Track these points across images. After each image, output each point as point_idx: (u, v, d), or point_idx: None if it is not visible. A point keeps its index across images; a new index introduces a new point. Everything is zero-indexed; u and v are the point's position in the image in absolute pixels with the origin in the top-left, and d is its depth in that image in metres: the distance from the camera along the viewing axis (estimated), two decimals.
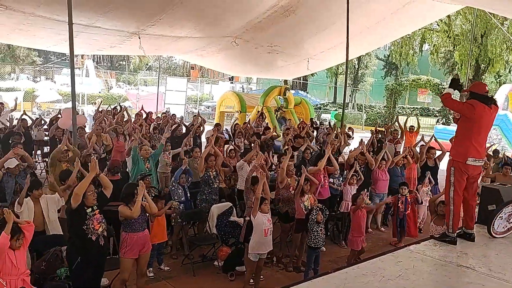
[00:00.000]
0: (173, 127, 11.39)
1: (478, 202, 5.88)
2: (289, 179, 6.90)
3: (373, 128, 13.90)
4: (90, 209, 4.46)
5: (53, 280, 4.75)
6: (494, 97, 5.23)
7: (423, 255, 4.68)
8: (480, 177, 5.76)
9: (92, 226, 4.43)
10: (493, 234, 5.36)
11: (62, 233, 5.50)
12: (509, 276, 4.20)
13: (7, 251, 3.98)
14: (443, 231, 5.32)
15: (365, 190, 6.98)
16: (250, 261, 5.48)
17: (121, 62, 53.76)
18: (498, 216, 5.32)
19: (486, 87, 5.13)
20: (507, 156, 10.54)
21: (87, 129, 12.03)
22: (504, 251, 4.94)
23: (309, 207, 6.30)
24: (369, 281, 3.98)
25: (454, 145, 5.16)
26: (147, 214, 5.17)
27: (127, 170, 8.30)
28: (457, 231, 5.12)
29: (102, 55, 47.04)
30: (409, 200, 7.55)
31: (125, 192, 5.04)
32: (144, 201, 5.06)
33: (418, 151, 9.36)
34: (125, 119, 12.12)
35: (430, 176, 8.50)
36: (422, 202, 7.93)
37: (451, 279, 4.22)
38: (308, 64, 14.55)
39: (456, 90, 5.16)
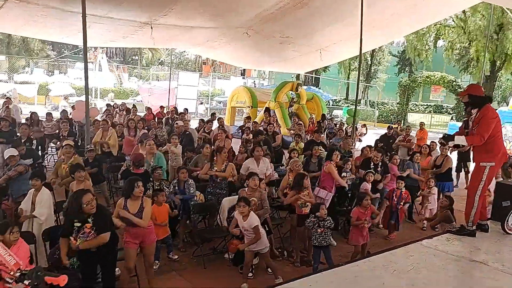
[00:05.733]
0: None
1: (493, 198, 5.87)
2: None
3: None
4: (79, 223, 4.34)
5: (66, 269, 4.78)
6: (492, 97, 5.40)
7: (435, 249, 4.63)
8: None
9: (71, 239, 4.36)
10: (507, 230, 5.33)
11: None
12: None
13: None
14: (458, 226, 5.36)
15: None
16: (246, 252, 5.49)
17: (133, 57, 54.06)
18: None
19: (482, 88, 5.42)
20: None
21: None
22: None
23: (306, 204, 6.23)
24: (380, 274, 3.96)
25: (490, 151, 5.09)
26: (142, 214, 5.00)
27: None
28: (476, 224, 5.21)
29: (115, 50, 47.43)
30: (403, 195, 7.59)
31: (126, 186, 5.05)
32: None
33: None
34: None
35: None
36: (406, 204, 7.94)
37: (464, 273, 4.17)
38: (320, 55, 14.43)
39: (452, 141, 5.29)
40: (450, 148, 8.48)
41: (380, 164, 7.99)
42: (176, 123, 11.47)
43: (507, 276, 4.09)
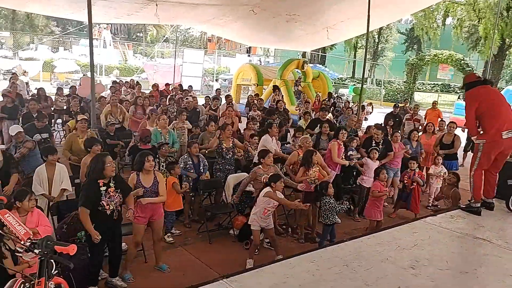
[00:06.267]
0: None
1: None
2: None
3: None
4: (104, 187, 4.41)
5: (74, 242, 4.86)
6: (489, 79, 5.69)
7: (439, 226, 4.67)
8: None
9: (102, 205, 4.41)
10: None
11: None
12: None
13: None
14: (468, 203, 5.44)
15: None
16: (253, 230, 5.51)
17: (138, 34, 53.64)
18: None
19: (476, 74, 5.83)
20: None
21: None
22: None
23: (316, 181, 6.26)
24: (384, 250, 4.00)
25: (482, 129, 5.29)
26: (157, 187, 5.11)
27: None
28: (480, 202, 5.27)
29: (119, 26, 47.04)
30: (417, 175, 7.53)
31: (137, 160, 5.09)
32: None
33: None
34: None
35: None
36: (424, 185, 7.92)
37: (467, 250, 4.21)
38: (327, 33, 14.23)
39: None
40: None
41: (381, 142, 7.95)
42: (187, 98, 11.57)
43: (510, 253, 4.12)
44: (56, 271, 2.13)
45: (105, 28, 32.40)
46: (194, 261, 5.60)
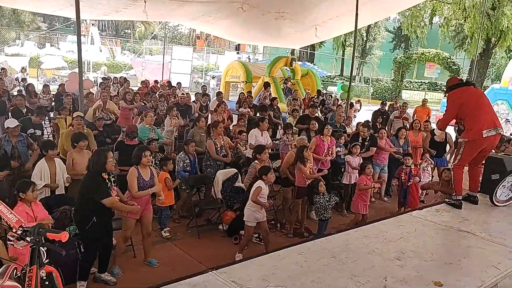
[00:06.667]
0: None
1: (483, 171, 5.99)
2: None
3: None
4: (109, 182, 4.49)
5: None
6: (471, 81, 5.93)
7: (425, 220, 4.76)
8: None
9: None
10: (495, 203, 5.47)
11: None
12: (509, 241, 4.29)
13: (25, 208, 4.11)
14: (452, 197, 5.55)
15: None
16: (248, 227, 5.55)
17: (126, 31, 53.20)
18: (501, 185, 5.42)
19: (458, 78, 6.19)
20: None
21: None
22: (505, 218, 5.05)
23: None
24: (371, 242, 4.07)
25: (465, 128, 5.45)
26: (154, 180, 5.18)
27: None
28: (462, 195, 5.42)
29: (107, 23, 46.62)
30: (413, 172, 7.60)
31: (134, 155, 5.14)
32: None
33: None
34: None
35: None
36: (420, 181, 7.98)
37: (452, 242, 4.30)
38: (316, 31, 14.31)
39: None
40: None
41: (367, 138, 8.00)
42: (183, 94, 11.62)
43: (493, 245, 4.22)
44: (47, 260, 2.15)
45: (92, 25, 32.03)
46: (183, 256, 5.62)
